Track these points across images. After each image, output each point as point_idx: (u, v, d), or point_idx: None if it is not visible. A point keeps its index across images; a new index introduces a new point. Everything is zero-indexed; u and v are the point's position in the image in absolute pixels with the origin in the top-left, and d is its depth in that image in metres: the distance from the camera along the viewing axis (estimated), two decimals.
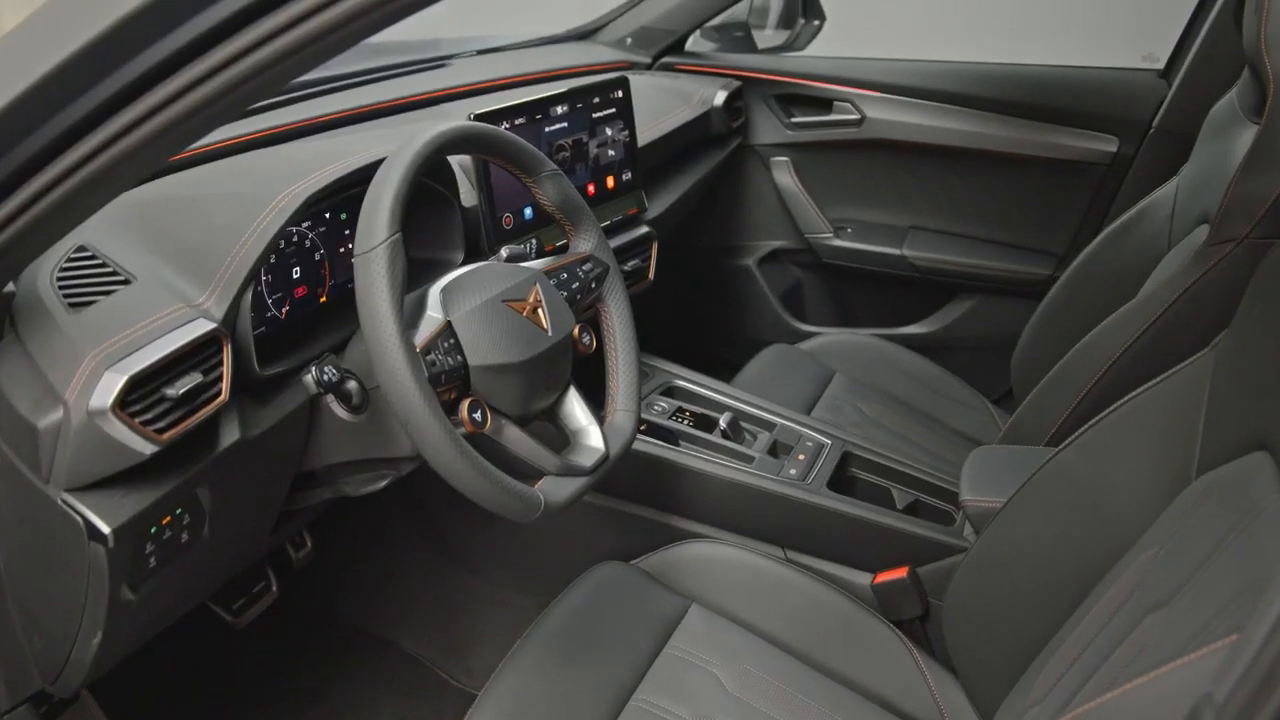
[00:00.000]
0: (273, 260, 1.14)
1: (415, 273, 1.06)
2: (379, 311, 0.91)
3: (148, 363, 0.87)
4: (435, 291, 1.05)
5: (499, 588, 1.74)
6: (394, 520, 1.80)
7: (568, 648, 1.22)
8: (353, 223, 1.03)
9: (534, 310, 1.09)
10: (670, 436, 1.56)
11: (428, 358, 0.97)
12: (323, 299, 1.24)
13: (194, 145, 1.28)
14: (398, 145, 1.00)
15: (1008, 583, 1.19)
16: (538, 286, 1.11)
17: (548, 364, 1.09)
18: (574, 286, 1.18)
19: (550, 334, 1.09)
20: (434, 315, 1.03)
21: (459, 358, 1.01)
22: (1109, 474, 1.10)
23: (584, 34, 2.28)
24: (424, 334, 1.00)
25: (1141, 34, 2.20)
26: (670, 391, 1.69)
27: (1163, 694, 0.69)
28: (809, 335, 2.20)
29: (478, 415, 1.01)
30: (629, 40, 2.24)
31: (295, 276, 1.19)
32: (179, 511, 0.96)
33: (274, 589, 1.58)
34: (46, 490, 0.88)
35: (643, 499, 1.55)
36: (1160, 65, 2.00)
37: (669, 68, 2.25)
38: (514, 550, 1.71)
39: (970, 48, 2.24)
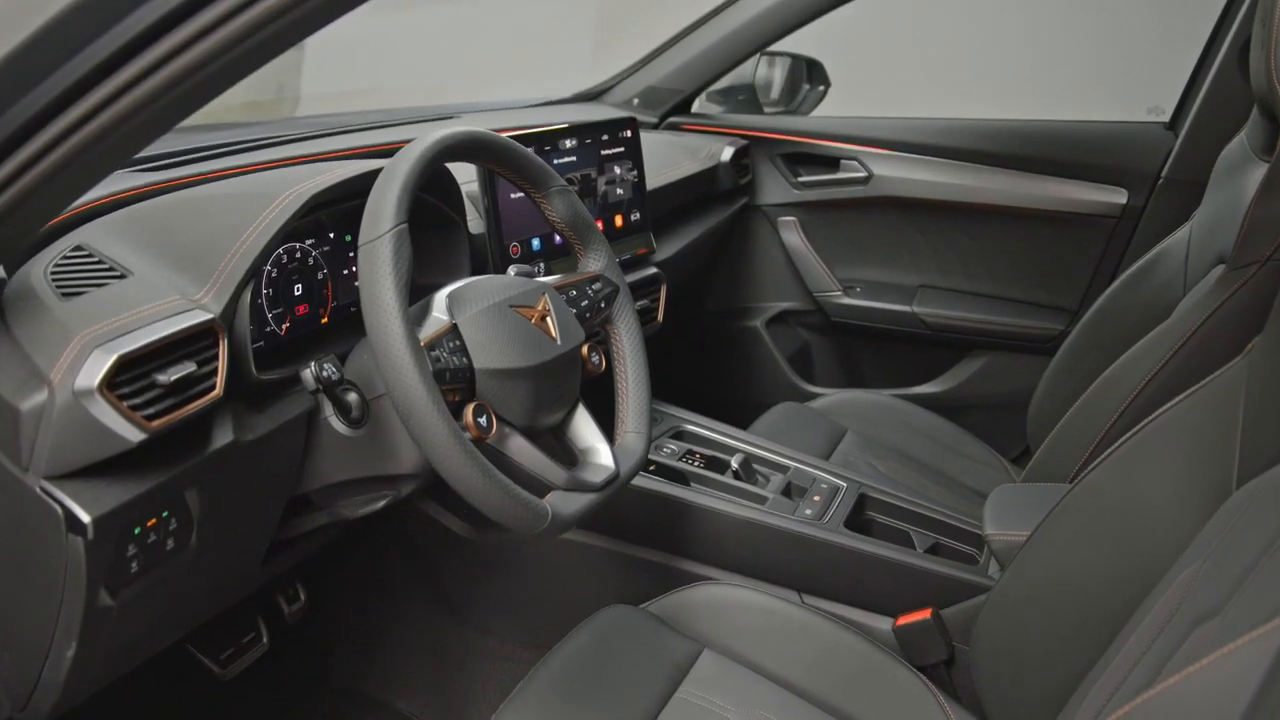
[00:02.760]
0: (274, 274, 1.12)
1: (420, 296, 1.03)
2: (383, 300, 0.88)
3: (139, 344, 0.83)
4: (441, 296, 1.02)
5: (500, 641, 1.67)
6: (391, 572, 1.74)
7: (572, 690, 1.15)
8: (357, 245, 1.01)
9: (542, 318, 1.06)
10: (680, 477, 1.51)
11: (432, 354, 0.93)
12: (324, 319, 1.21)
13: (201, 172, 1.29)
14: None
15: (1039, 616, 1.13)
16: (546, 296, 1.08)
17: (556, 374, 1.05)
18: (583, 304, 1.15)
19: (559, 343, 1.06)
20: (439, 317, 0.99)
21: (464, 360, 0.97)
22: (1142, 492, 1.05)
23: (590, 96, 2.30)
24: (428, 332, 0.96)
25: (1145, 88, 2.22)
26: (680, 435, 1.65)
27: (1229, 672, 0.64)
28: (818, 397, 2.17)
29: (483, 420, 0.96)
30: (635, 101, 2.26)
31: (297, 293, 1.16)
32: (165, 514, 0.91)
33: (264, 640, 1.52)
34: (24, 479, 0.83)
35: (651, 541, 1.49)
36: (1166, 117, 2.01)
37: (675, 127, 2.26)
38: (516, 599, 1.64)
39: (973, 107, 2.26)
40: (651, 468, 1.52)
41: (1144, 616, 0.95)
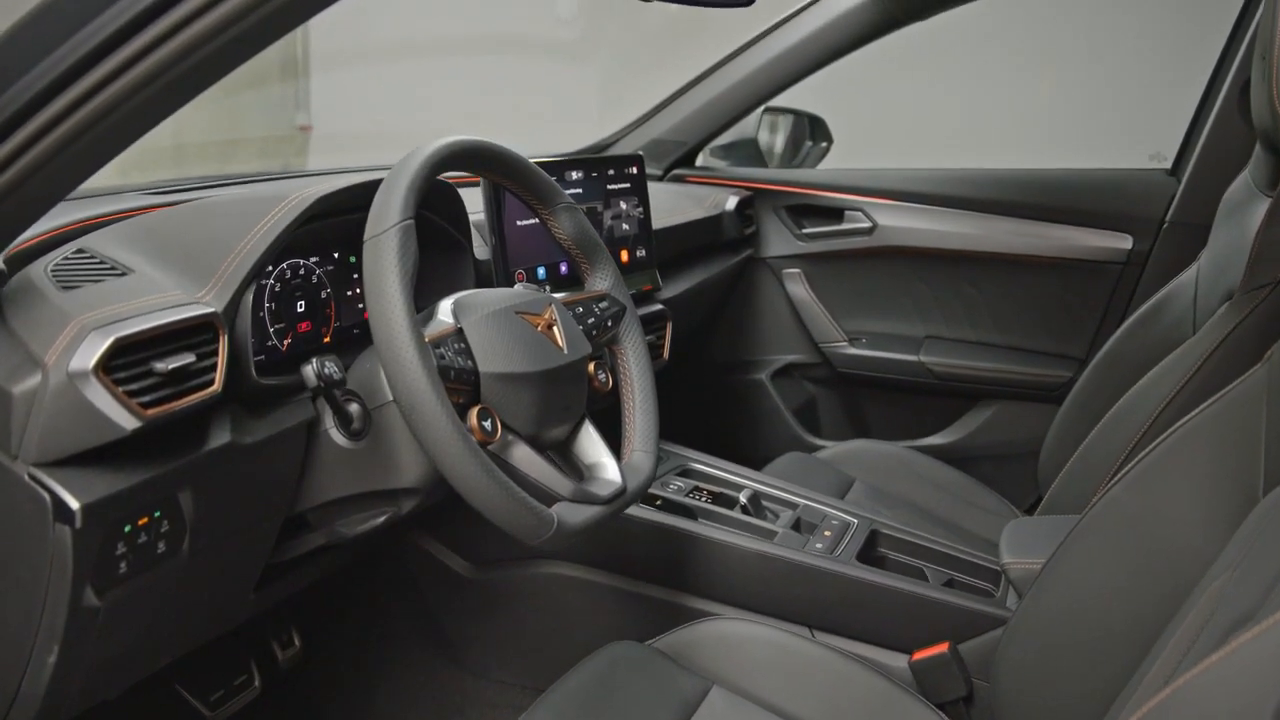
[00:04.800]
0: (277, 288, 1.10)
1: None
2: (387, 291, 0.87)
3: (138, 329, 0.81)
4: (446, 302, 1.01)
5: (501, 687, 1.61)
6: (389, 616, 1.69)
7: None
8: (361, 267, 1.00)
9: (549, 327, 1.05)
10: (687, 512, 1.47)
11: (436, 351, 0.92)
12: (326, 339, 1.19)
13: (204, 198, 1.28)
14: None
15: (1063, 641, 1.09)
16: (553, 307, 1.07)
17: (562, 383, 1.03)
18: (590, 322, 1.14)
19: (565, 352, 1.04)
20: (444, 320, 0.98)
21: (469, 362, 0.96)
22: (1166, 505, 1.01)
23: (595, 150, 2.32)
24: (433, 332, 0.95)
25: (1146, 136, 2.25)
26: (686, 473, 1.61)
27: (1267, 646, 0.60)
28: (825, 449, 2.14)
29: (488, 424, 0.94)
30: (640, 154, 2.28)
31: (300, 310, 1.15)
32: (157, 515, 0.88)
33: (256, 684, 1.46)
34: (12, 467, 0.80)
35: (656, 577, 1.45)
36: (1168, 164, 2.02)
37: (680, 180, 2.28)
38: (517, 641, 1.58)
39: (975, 158, 2.28)
40: (658, 502, 1.48)
41: (1174, 633, 0.91)
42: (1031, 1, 2.33)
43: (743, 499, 1.49)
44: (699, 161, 2.34)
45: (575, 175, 1.49)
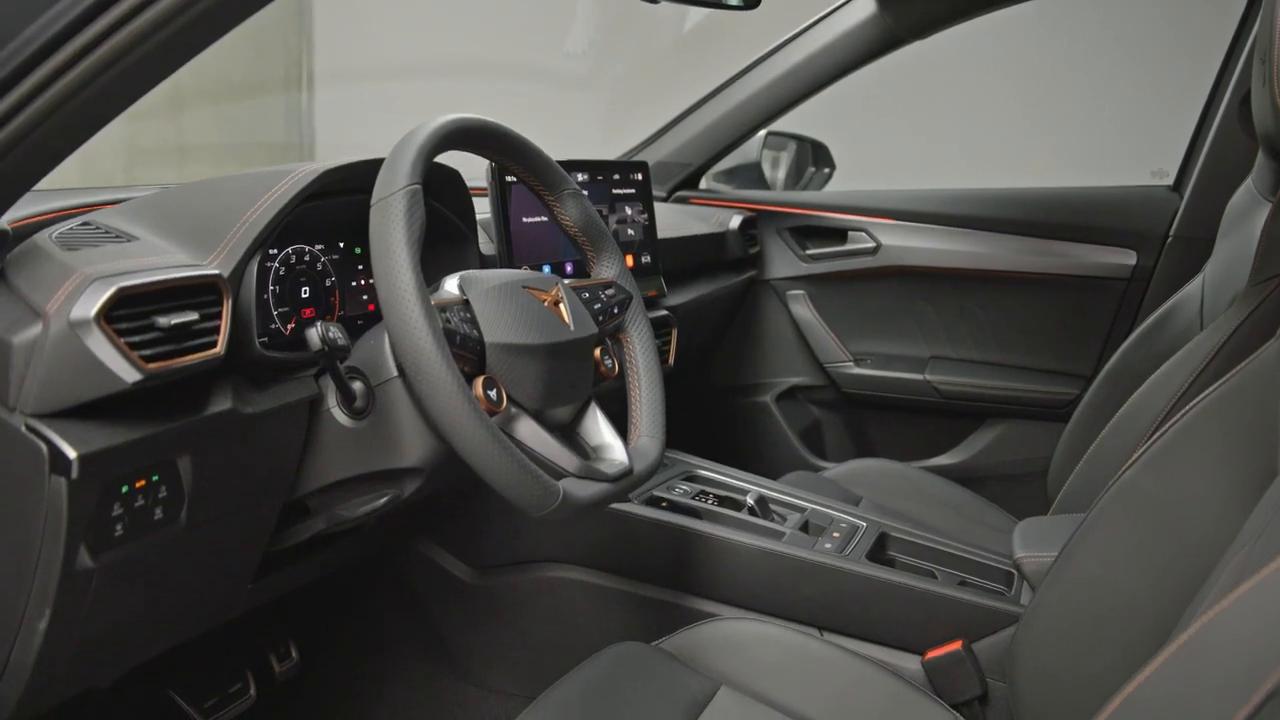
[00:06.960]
0: (282, 271, 1.10)
1: None
2: (394, 252, 0.86)
3: (141, 281, 0.81)
4: (453, 277, 1.01)
5: (503, 698, 1.57)
6: (388, 628, 1.65)
7: None
8: (368, 258, 1.00)
9: (555, 303, 1.04)
10: (693, 514, 1.45)
11: (442, 315, 0.91)
12: None
13: None
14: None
15: (1082, 629, 1.06)
16: (560, 286, 1.06)
17: (568, 359, 1.02)
18: (596, 308, 1.13)
19: (572, 329, 1.03)
20: (451, 291, 0.98)
21: (475, 331, 0.95)
22: (1182, 486, 1.00)
23: None
24: (439, 299, 0.94)
25: (1147, 154, 2.26)
26: (692, 478, 1.59)
27: None
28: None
29: (493, 394, 0.93)
30: (645, 161, 2.29)
31: (305, 296, 1.14)
32: (155, 479, 0.86)
33: (252, 693, 1.43)
34: (9, 418, 0.79)
35: (661, 578, 1.42)
36: (1170, 180, 2.03)
37: (683, 201, 2.29)
38: (519, 649, 1.55)
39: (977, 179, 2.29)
40: (663, 504, 1.46)
41: (1195, 615, 0.89)
42: (1031, 22, 2.36)
43: (750, 501, 1.46)
44: (702, 185, 2.35)
45: (581, 178, 1.49)
